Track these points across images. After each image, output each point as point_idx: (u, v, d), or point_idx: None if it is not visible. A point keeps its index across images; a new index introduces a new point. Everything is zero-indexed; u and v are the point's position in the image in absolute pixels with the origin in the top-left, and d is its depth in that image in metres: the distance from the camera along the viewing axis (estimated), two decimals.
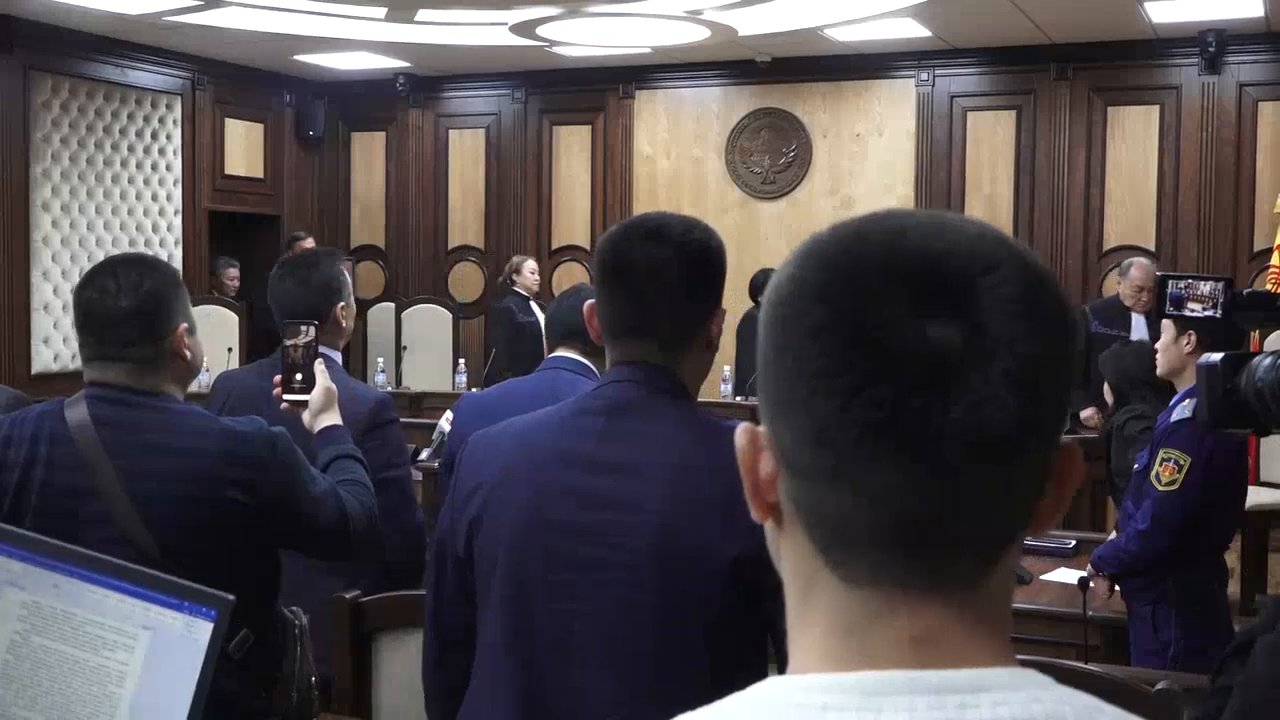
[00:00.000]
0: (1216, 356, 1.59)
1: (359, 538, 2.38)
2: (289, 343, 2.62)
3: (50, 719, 1.55)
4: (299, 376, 2.59)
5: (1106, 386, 4.90)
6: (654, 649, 1.70)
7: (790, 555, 0.80)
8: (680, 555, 1.69)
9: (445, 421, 4.84)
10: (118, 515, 2.14)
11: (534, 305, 8.30)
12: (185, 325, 2.31)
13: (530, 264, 8.54)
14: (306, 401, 2.57)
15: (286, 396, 2.58)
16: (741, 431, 0.81)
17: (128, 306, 2.22)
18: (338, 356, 3.08)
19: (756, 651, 1.78)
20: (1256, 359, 1.57)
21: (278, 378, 2.61)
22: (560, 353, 2.92)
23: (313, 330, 2.63)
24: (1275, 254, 6.97)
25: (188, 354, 2.31)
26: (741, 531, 1.67)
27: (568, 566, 1.74)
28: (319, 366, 2.59)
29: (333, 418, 2.57)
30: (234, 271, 9.03)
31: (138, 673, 1.54)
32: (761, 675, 0.79)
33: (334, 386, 2.61)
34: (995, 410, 0.71)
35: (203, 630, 1.53)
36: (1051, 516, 0.77)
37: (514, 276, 8.47)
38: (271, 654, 2.35)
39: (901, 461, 0.71)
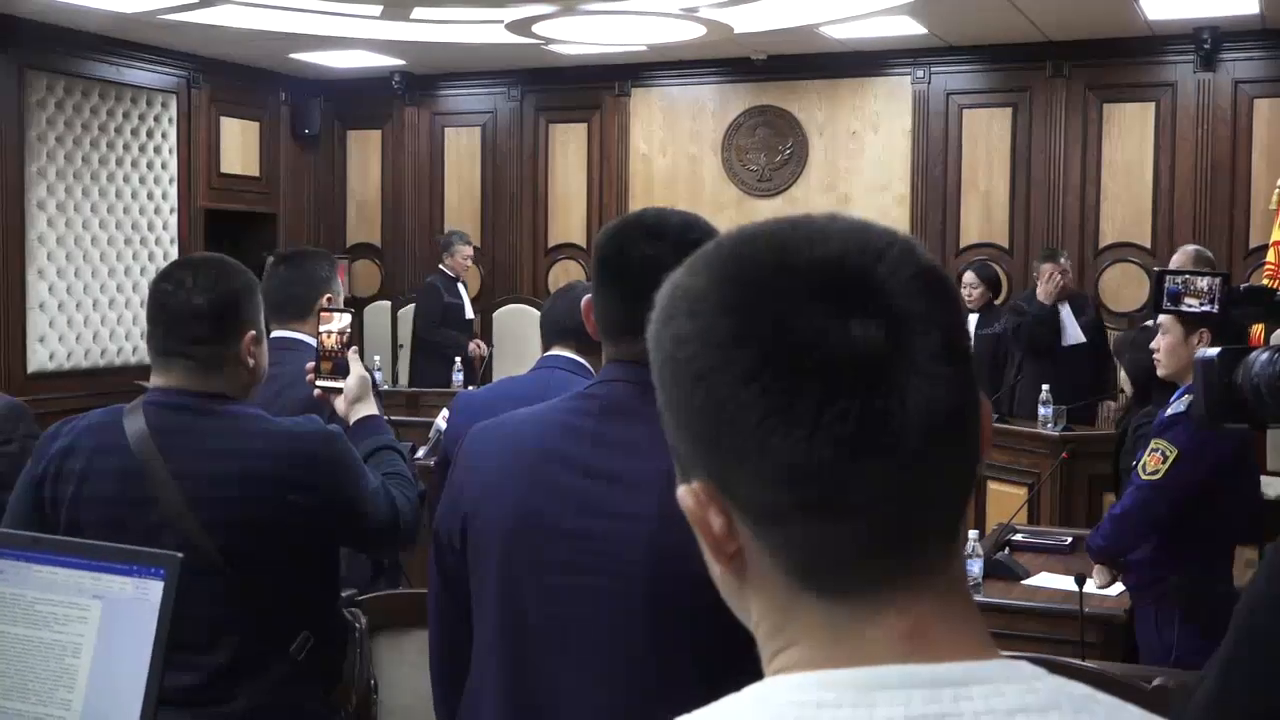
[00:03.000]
0: (1213, 351, 1.59)
1: (406, 531, 2.37)
2: (322, 329, 2.59)
3: (9, 700, 1.57)
4: (333, 364, 2.56)
5: (1124, 376, 4.84)
6: (642, 655, 1.68)
7: (759, 595, 0.78)
8: (669, 565, 1.66)
9: (441, 420, 4.85)
10: (179, 524, 2.12)
11: (461, 288, 8.43)
12: (254, 332, 2.29)
13: (467, 248, 8.53)
14: (339, 389, 2.54)
15: (320, 383, 2.55)
16: (685, 493, 0.79)
17: (200, 304, 2.20)
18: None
19: (746, 658, 1.77)
20: (1254, 354, 1.56)
21: (310, 364, 2.59)
22: (555, 351, 2.91)
23: (347, 316, 2.61)
24: (1271, 250, 6.96)
25: (251, 361, 2.28)
26: None
27: (557, 570, 1.72)
28: (352, 354, 2.57)
29: (369, 407, 2.54)
30: None
31: (93, 642, 1.57)
32: (753, 679, 0.78)
33: (368, 375, 2.58)
34: (938, 388, 0.72)
35: (154, 589, 1.53)
36: (981, 452, 0.78)
37: (445, 256, 8.47)
38: (333, 656, 2.34)
39: (881, 466, 0.71)
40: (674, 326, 0.79)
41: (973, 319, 7.36)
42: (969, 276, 7.47)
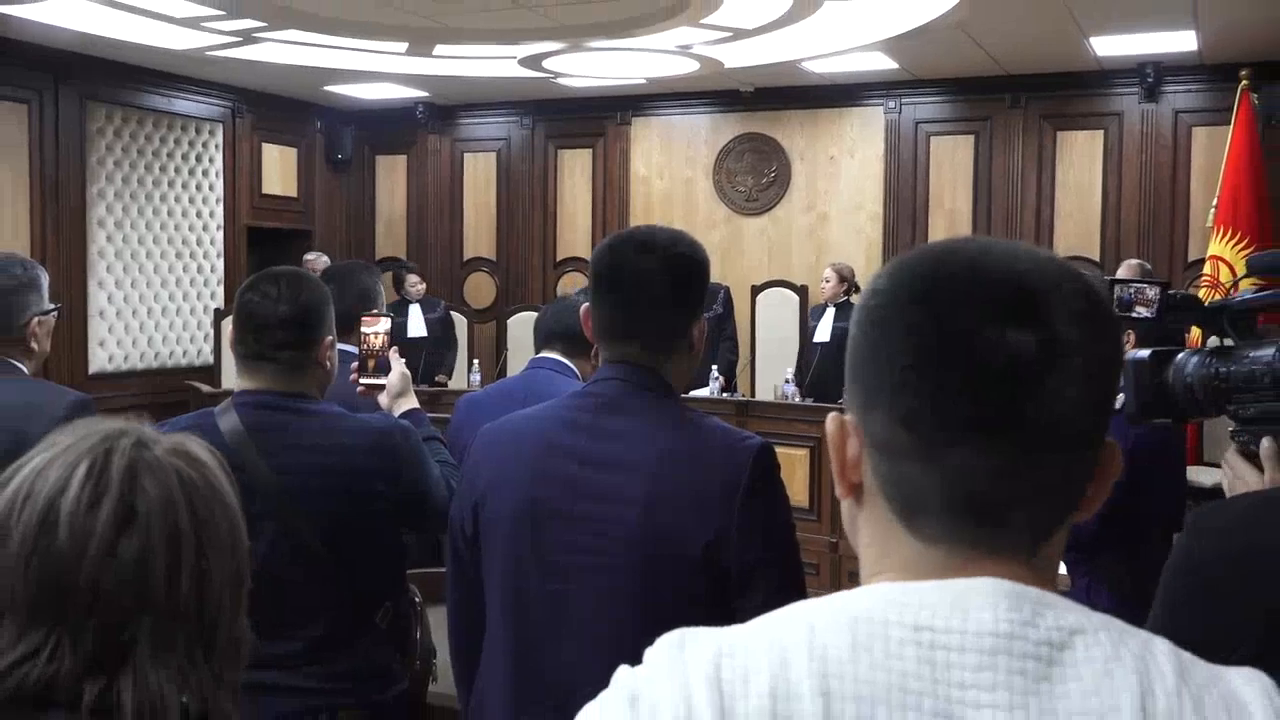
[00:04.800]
0: (1145, 352, 1.58)
1: None
2: (366, 331, 2.58)
3: None
4: (375, 363, 2.56)
5: None
6: (637, 627, 1.68)
7: (869, 523, 0.82)
8: (660, 543, 1.67)
9: None
10: (280, 514, 2.12)
11: (413, 309, 8.53)
12: (330, 338, 2.29)
13: (413, 276, 8.65)
14: (383, 386, 2.54)
15: (363, 380, 2.56)
16: (831, 419, 0.84)
17: (285, 313, 2.20)
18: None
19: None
20: (1182, 356, 1.56)
21: (354, 364, 2.59)
22: (544, 354, 2.93)
23: (388, 321, 2.60)
24: (1208, 263, 6.97)
25: (328, 364, 2.29)
26: (712, 521, 1.66)
27: (558, 550, 1.73)
28: (394, 353, 2.56)
29: (411, 401, 2.54)
30: None
31: None
32: None
33: (409, 372, 2.58)
34: (1065, 406, 0.74)
35: None
36: (1095, 503, 0.81)
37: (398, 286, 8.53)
38: (404, 625, 2.35)
39: (977, 446, 0.75)
40: (874, 283, 0.82)
41: (829, 312, 7.61)
42: (828, 272, 7.66)
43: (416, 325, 8.47)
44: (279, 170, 9.71)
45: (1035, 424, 0.74)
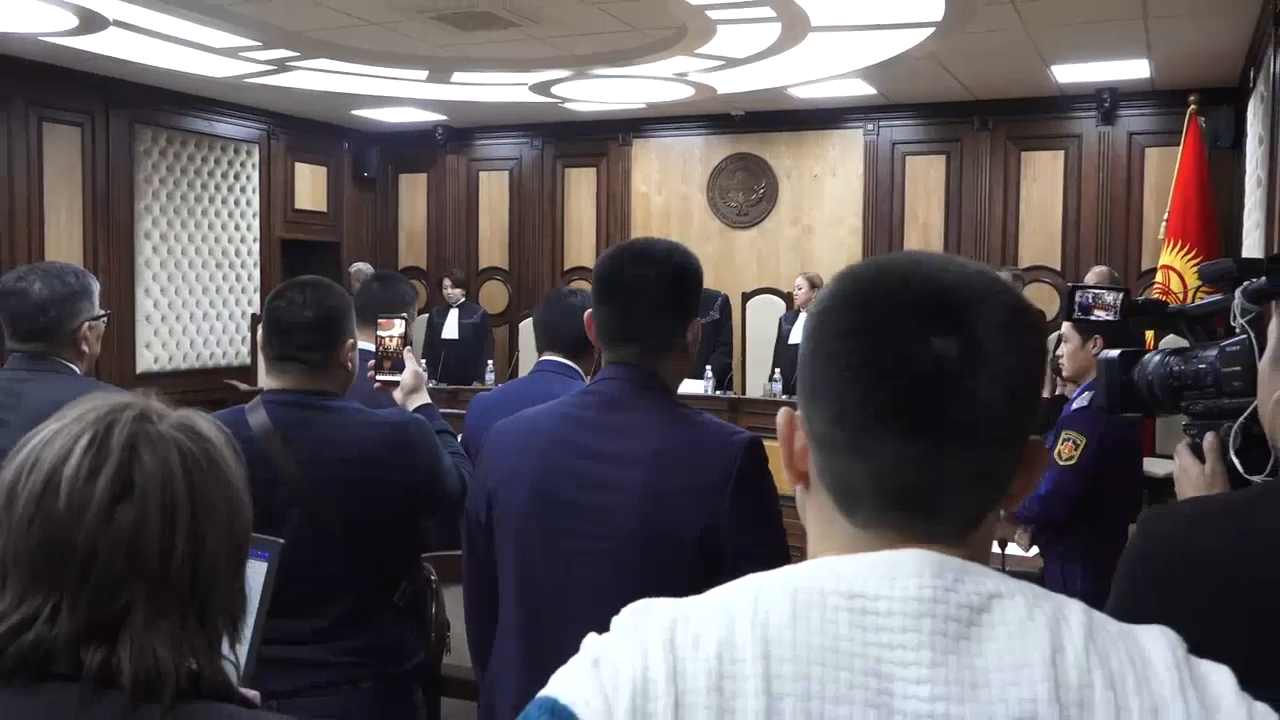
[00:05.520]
0: (1115, 353, 1.57)
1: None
2: (382, 333, 2.57)
3: None
4: (390, 362, 2.54)
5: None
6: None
7: (813, 509, 0.83)
8: (658, 530, 1.66)
9: None
10: (305, 502, 2.10)
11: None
12: (351, 340, 2.28)
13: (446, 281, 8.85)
14: (398, 383, 2.53)
15: (380, 377, 2.54)
16: (782, 414, 0.85)
17: (310, 317, 2.19)
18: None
19: None
20: (1147, 356, 1.55)
21: (371, 362, 2.57)
22: (547, 356, 2.90)
23: (403, 323, 2.59)
24: (1159, 272, 6.98)
25: (350, 364, 2.28)
26: (706, 508, 1.64)
27: (565, 537, 1.71)
28: (408, 353, 2.55)
29: (423, 397, 2.53)
30: None
31: None
32: None
33: (421, 371, 2.57)
34: (984, 407, 0.75)
35: (259, 569, 1.50)
36: (1021, 495, 0.81)
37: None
38: (421, 603, 2.34)
39: (904, 441, 0.75)
40: (822, 291, 0.83)
41: (802, 316, 7.49)
42: (800, 280, 7.57)
43: (450, 328, 8.53)
44: (310, 187, 9.70)
45: (956, 422, 0.74)
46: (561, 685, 0.78)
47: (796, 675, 0.73)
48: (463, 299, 8.69)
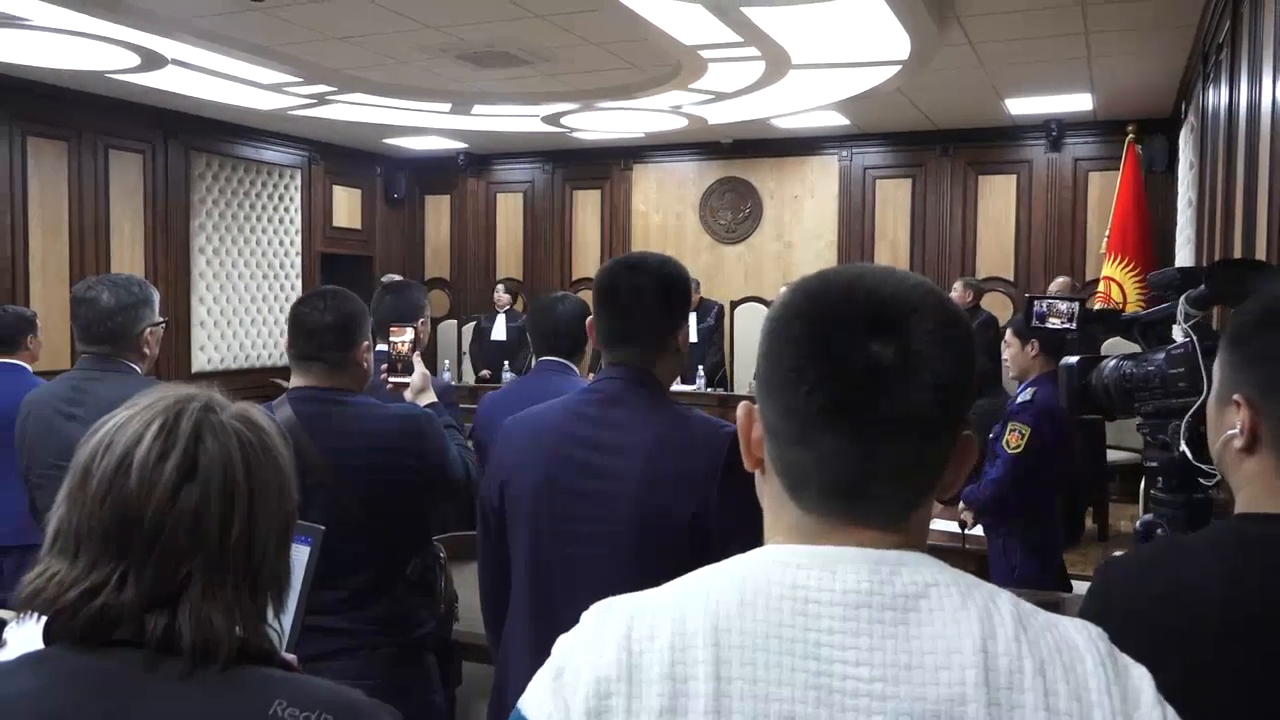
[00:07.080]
0: (1074, 359, 1.55)
1: (473, 485, 2.35)
2: (394, 340, 2.57)
3: None
4: (401, 365, 2.55)
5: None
6: (636, 584, 1.64)
7: (768, 493, 0.83)
8: (653, 514, 1.64)
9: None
10: (329, 485, 2.09)
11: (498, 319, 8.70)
12: (366, 343, 2.27)
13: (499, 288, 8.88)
14: (407, 384, 2.53)
15: (392, 379, 2.55)
16: (742, 407, 0.84)
17: (330, 320, 2.19)
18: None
19: None
20: (1103, 361, 1.52)
21: (384, 366, 2.57)
22: (547, 357, 2.90)
23: (412, 331, 2.60)
24: (1102, 283, 6.98)
25: (365, 364, 2.27)
26: (697, 495, 1.62)
27: (570, 521, 1.69)
28: (416, 357, 2.55)
29: (429, 397, 2.52)
30: None
31: None
32: None
33: (429, 373, 2.57)
34: (915, 405, 0.74)
35: (302, 552, 1.48)
36: (952, 485, 0.80)
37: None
38: (431, 577, 2.33)
39: (843, 435, 0.74)
40: (778, 299, 0.82)
41: None
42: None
43: (499, 331, 8.54)
44: (346, 207, 9.67)
45: (889, 419, 0.73)
46: (526, 700, 0.78)
47: (744, 660, 0.73)
48: (509, 305, 8.70)
